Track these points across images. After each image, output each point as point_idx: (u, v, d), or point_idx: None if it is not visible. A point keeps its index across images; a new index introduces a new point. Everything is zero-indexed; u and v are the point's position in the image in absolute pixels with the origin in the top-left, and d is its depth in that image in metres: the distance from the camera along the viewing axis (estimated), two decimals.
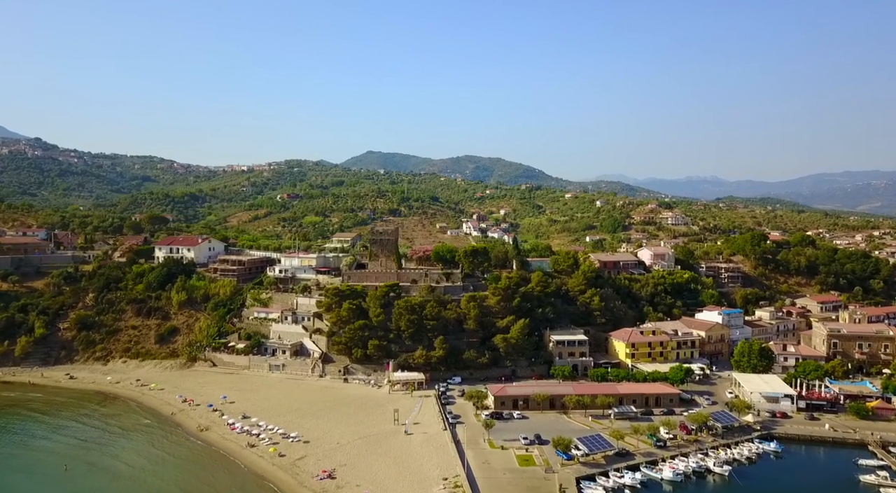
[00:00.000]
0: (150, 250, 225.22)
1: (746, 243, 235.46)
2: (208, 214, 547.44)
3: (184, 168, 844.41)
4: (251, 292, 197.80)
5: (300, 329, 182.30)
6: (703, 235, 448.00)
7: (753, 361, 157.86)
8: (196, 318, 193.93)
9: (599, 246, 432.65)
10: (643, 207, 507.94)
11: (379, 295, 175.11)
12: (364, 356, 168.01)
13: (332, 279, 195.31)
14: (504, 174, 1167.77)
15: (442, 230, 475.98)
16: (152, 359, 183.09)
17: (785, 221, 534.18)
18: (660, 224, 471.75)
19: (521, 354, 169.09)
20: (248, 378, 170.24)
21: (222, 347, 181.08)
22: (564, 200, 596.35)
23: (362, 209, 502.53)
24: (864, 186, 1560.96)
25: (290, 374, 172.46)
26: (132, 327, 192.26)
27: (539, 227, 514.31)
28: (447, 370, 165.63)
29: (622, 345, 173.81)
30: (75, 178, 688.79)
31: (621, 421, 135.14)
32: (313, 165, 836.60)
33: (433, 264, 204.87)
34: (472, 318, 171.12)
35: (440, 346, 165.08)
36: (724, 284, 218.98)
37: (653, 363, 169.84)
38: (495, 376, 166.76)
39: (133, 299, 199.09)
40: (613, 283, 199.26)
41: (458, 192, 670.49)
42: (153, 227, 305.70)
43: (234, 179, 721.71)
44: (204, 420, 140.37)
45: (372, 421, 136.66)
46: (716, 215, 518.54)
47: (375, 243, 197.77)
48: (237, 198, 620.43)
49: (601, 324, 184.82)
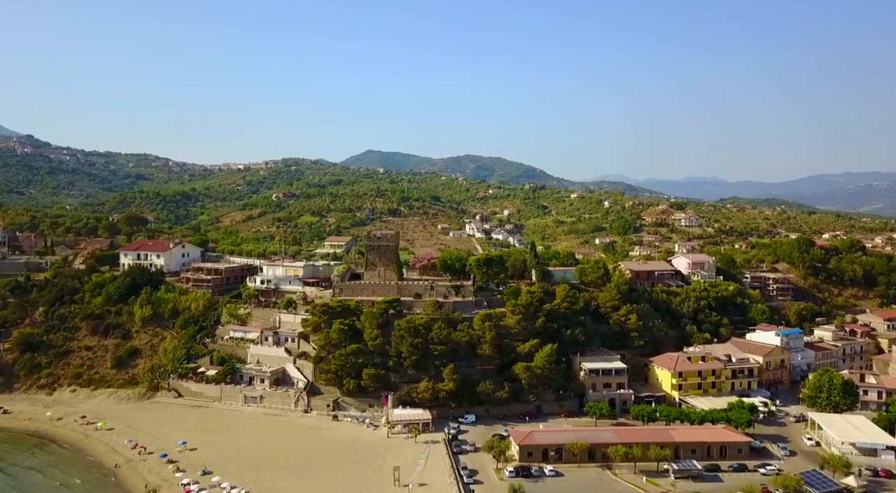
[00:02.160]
0: (114, 256, 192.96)
1: (793, 250, 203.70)
2: (200, 214, 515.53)
3: (179, 166, 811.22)
4: (227, 306, 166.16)
5: (283, 353, 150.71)
6: (719, 238, 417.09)
7: (835, 398, 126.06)
8: (161, 337, 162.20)
9: (610, 249, 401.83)
10: (654, 208, 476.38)
11: (376, 313, 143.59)
12: (358, 388, 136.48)
13: (322, 292, 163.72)
14: (505, 174, 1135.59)
15: (444, 232, 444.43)
16: (107, 387, 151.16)
17: (799, 222, 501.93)
18: (672, 226, 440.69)
19: (548, 386, 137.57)
20: (217, 414, 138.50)
21: (190, 373, 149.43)
22: (570, 200, 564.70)
23: (361, 209, 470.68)
24: (865, 187, 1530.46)
25: (270, 408, 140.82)
26: (86, 347, 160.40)
27: (545, 228, 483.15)
28: (459, 407, 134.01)
29: (667, 374, 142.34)
30: (66, 176, 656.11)
31: (683, 481, 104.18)
32: (311, 163, 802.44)
33: (439, 273, 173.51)
34: (487, 341, 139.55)
35: (450, 377, 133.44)
36: (772, 297, 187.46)
37: (704, 397, 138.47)
38: (516, 412, 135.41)
39: (89, 315, 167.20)
40: (650, 297, 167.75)
41: (459, 191, 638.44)
42: (131, 228, 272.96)
43: (230, 178, 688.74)
44: (153, 477, 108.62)
45: (366, 480, 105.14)
46: (727, 217, 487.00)
47: (372, 250, 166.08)
48: (232, 197, 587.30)
49: (639, 347, 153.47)
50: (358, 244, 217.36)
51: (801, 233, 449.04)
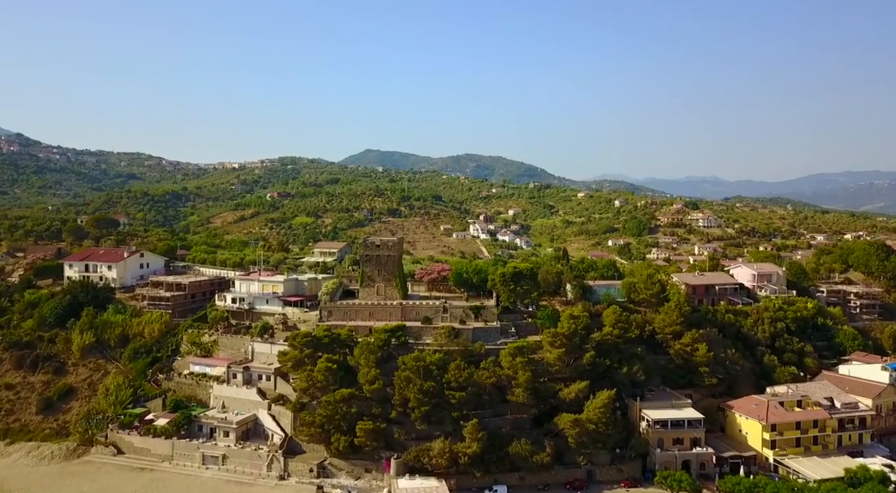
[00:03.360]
0: (59, 267, 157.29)
1: (870, 257, 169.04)
2: (191, 215, 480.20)
3: (172, 165, 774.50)
4: (189, 332, 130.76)
5: (254, 395, 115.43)
6: (740, 239, 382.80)
7: None
8: (104, 372, 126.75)
9: (626, 251, 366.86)
10: (668, 208, 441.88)
11: (374, 346, 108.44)
12: (350, 447, 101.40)
13: (307, 315, 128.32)
14: (506, 173, 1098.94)
15: (447, 233, 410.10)
16: (27, 440, 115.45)
17: (817, 222, 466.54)
18: (690, 226, 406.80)
19: (602, 444, 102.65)
20: (165, 481, 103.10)
21: (135, 422, 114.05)
22: (577, 199, 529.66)
23: (359, 209, 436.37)
24: (866, 186, 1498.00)
25: (235, 472, 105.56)
26: (6, 386, 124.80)
27: (553, 229, 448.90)
28: (485, 474, 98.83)
29: (754, 426, 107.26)
30: (53, 175, 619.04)
31: None
32: (308, 162, 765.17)
33: (452, 289, 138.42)
34: (521, 384, 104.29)
35: (473, 435, 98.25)
36: (855, 316, 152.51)
37: (806, 457, 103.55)
38: (561, 481, 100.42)
39: (15, 342, 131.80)
40: (715, 319, 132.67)
41: (461, 191, 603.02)
42: (100, 232, 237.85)
43: (224, 177, 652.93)
44: None
45: None
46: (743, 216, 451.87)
47: (370, 262, 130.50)
48: (225, 197, 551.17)
49: (709, 385, 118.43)
50: (354, 251, 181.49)
51: (825, 233, 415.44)
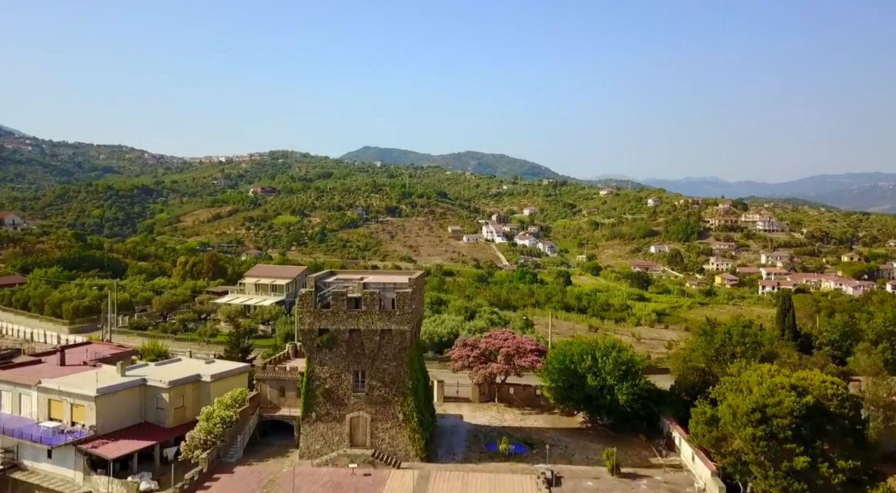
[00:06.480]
0: None
1: None
2: (160, 212, 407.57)
3: (155, 159, 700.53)
4: None
5: None
6: (813, 247, 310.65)
7: None
8: None
9: (677, 261, 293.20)
10: (714, 208, 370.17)
11: None
12: None
13: None
14: (509, 171, 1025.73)
15: (456, 235, 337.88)
16: None
17: (871, 224, 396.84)
18: (747, 230, 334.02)
19: None
20: None
21: None
22: (601, 198, 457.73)
23: (352, 207, 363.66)
24: (870, 187, 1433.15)
25: None
26: None
27: (578, 231, 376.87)
28: None
29: None
30: (16, 167, 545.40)
31: None
32: (301, 156, 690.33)
33: (543, 401, 65.43)
34: None
35: None
36: None
37: None
38: None
39: None
40: None
41: (468, 187, 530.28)
42: None
43: (207, 171, 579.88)
44: None
45: None
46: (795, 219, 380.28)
47: (332, 351, 48.95)
48: (204, 192, 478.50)
49: None
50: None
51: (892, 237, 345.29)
